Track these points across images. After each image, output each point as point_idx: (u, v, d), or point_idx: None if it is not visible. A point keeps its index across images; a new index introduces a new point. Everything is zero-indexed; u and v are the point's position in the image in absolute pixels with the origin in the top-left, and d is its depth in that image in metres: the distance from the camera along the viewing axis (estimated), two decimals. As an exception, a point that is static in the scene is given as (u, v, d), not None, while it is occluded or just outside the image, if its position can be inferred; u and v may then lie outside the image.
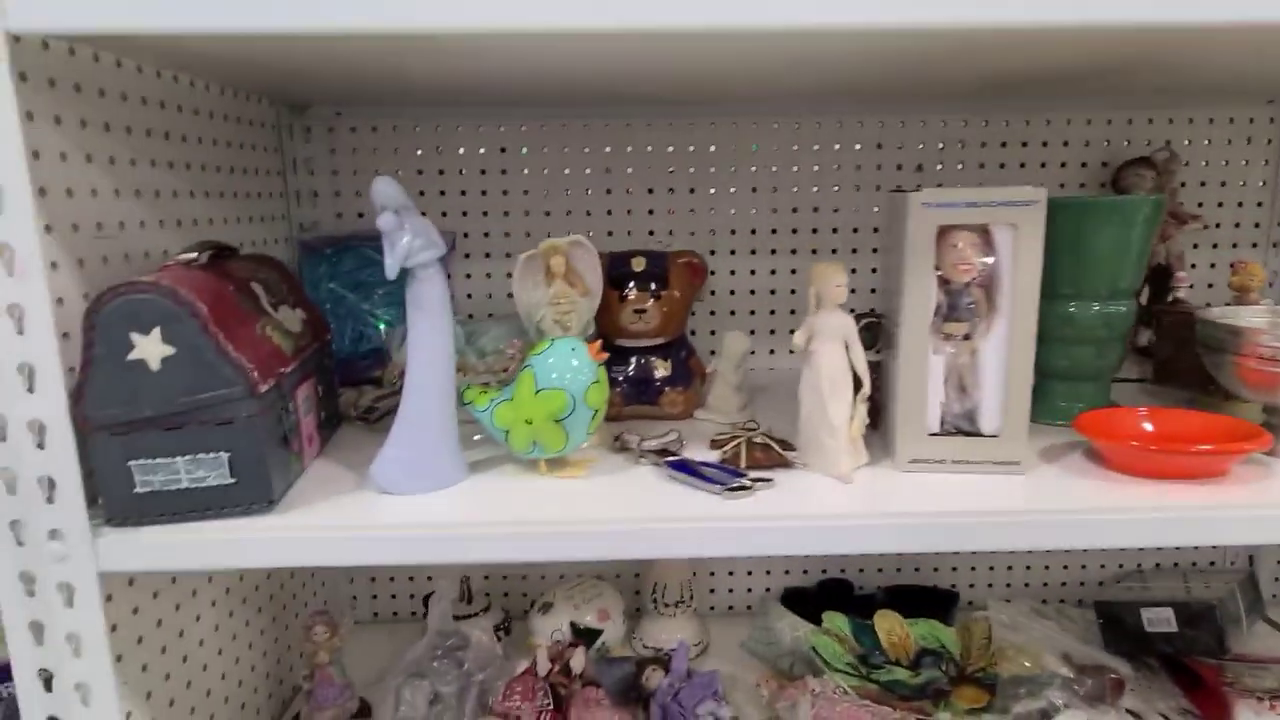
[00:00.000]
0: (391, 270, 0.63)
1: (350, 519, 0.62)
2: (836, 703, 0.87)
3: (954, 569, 1.16)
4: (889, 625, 1.03)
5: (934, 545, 0.61)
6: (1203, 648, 0.91)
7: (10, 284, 0.55)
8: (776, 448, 0.72)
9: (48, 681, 0.62)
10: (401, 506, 0.64)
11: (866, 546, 0.61)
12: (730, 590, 1.17)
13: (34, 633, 0.61)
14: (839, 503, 0.64)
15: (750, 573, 1.16)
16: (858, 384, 0.69)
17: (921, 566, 1.16)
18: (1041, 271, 0.64)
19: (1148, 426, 0.71)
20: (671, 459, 0.71)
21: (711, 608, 1.17)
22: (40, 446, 0.57)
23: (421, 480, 0.66)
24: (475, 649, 0.89)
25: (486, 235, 1.06)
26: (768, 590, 1.17)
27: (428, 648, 0.90)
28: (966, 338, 0.68)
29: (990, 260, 0.66)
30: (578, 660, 0.92)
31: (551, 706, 0.86)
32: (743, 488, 0.64)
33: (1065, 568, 1.16)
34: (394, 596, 1.15)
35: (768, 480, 0.67)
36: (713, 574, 1.16)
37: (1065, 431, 0.77)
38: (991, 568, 1.16)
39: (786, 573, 1.16)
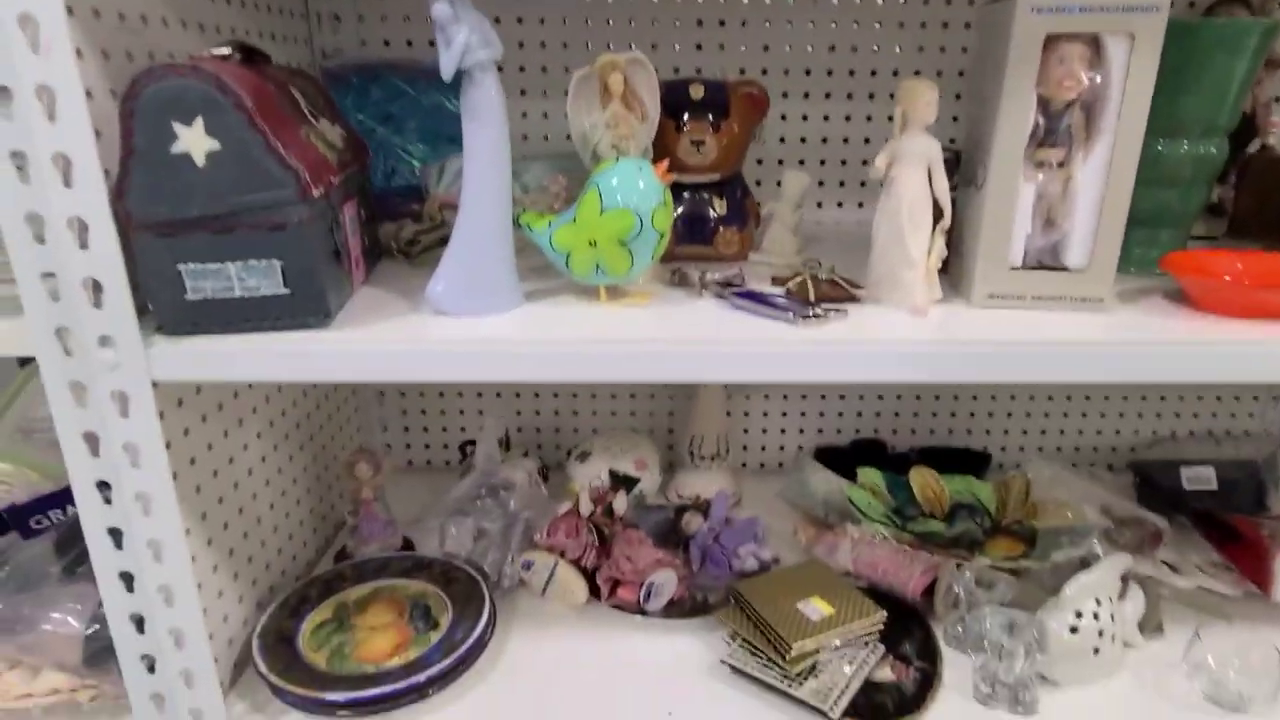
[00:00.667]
0: (447, 70, 0.58)
1: (409, 335, 0.60)
2: (876, 547, 0.88)
3: (987, 432, 1.16)
4: (923, 480, 1.03)
5: (1015, 375, 0.59)
6: (1242, 505, 0.91)
7: (37, 63, 0.50)
8: (844, 283, 0.69)
9: (106, 494, 0.61)
10: (459, 326, 0.62)
11: (945, 375, 0.59)
12: (763, 447, 1.17)
13: (89, 443, 0.59)
14: (915, 333, 0.61)
15: (784, 430, 1.16)
16: (937, 214, 0.65)
17: (955, 429, 1.16)
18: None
19: (1238, 266, 0.68)
20: (738, 289, 0.68)
21: (744, 464, 1.17)
22: (83, 246, 0.54)
23: (479, 300, 0.63)
24: (519, 490, 0.89)
25: (522, 70, 0.99)
26: (800, 448, 1.17)
27: (472, 486, 0.90)
28: (1061, 165, 0.63)
29: (1096, 77, 0.61)
30: (620, 502, 0.93)
31: (596, 543, 0.87)
32: (816, 315, 0.62)
33: (1099, 433, 1.15)
34: (428, 446, 1.16)
35: (840, 309, 0.64)
36: (746, 431, 1.16)
37: (1141, 279, 0.74)
38: (1024, 431, 1.16)
39: (820, 431, 1.16)
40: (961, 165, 0.72)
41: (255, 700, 0.72)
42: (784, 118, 1.01)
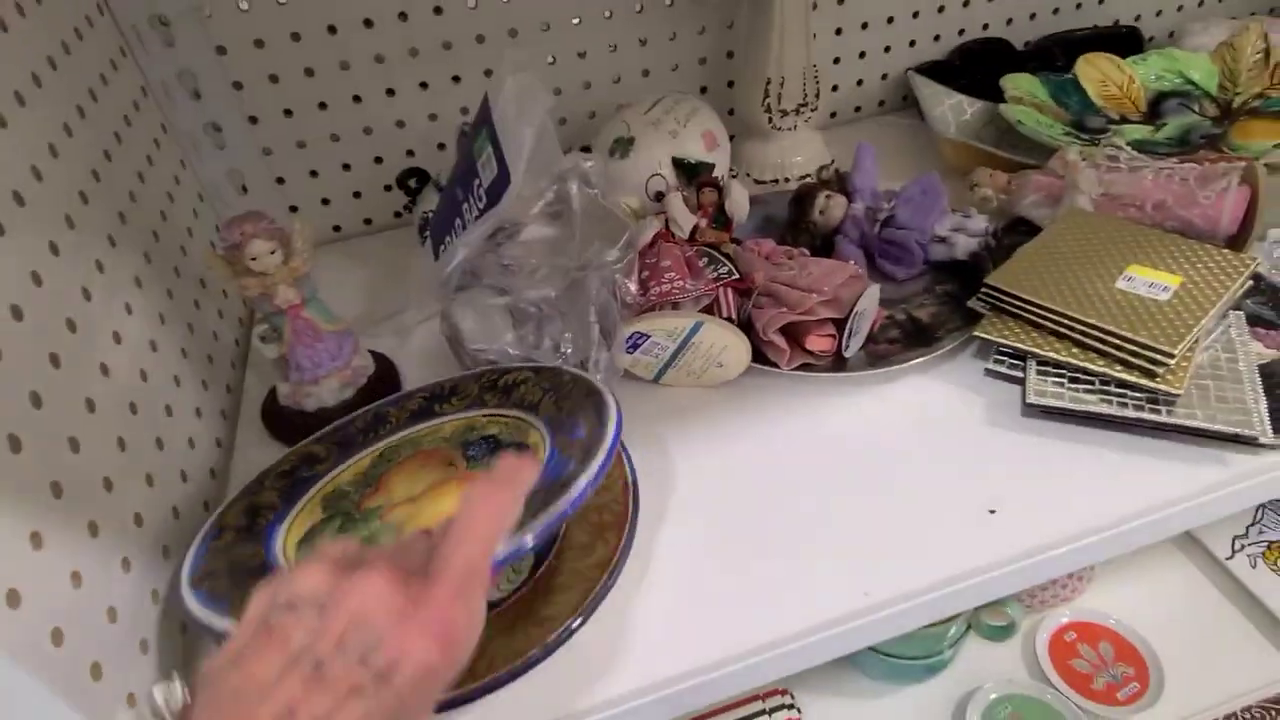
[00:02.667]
0: None
1: None
2: (1129, 173, 0.57)
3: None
4: (1100, 72, 0.71)
5: None
6: None
7: None
8: None
9: None
10: None
11: None
12: (834, 88, 0.79)
13: None
14: None
15: (863, 54, 0.78)
16: None
17: (1083, 2, 0.81)
18: None
19: None
20: None
21: (832, 114, 0.80)
22: None
23: None
24: (579, 212, 0.48)
25: None
26: (884, 77, 0.80)
27: (480, 237, 0.48)
28: None
29: None
30: (737, 200, 0.55)
31: (732, 273, 0.50)
32: None
33: (1254, -31, 0.85)
34: (327, 202, 0.69)
35: None
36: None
37: None
38: (1170, -14, 0.83)
39: (912, 44, 0.79)
40: None
41: None
42: None
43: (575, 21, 0.67)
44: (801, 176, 0.69)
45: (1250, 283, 0.48)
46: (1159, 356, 0.42)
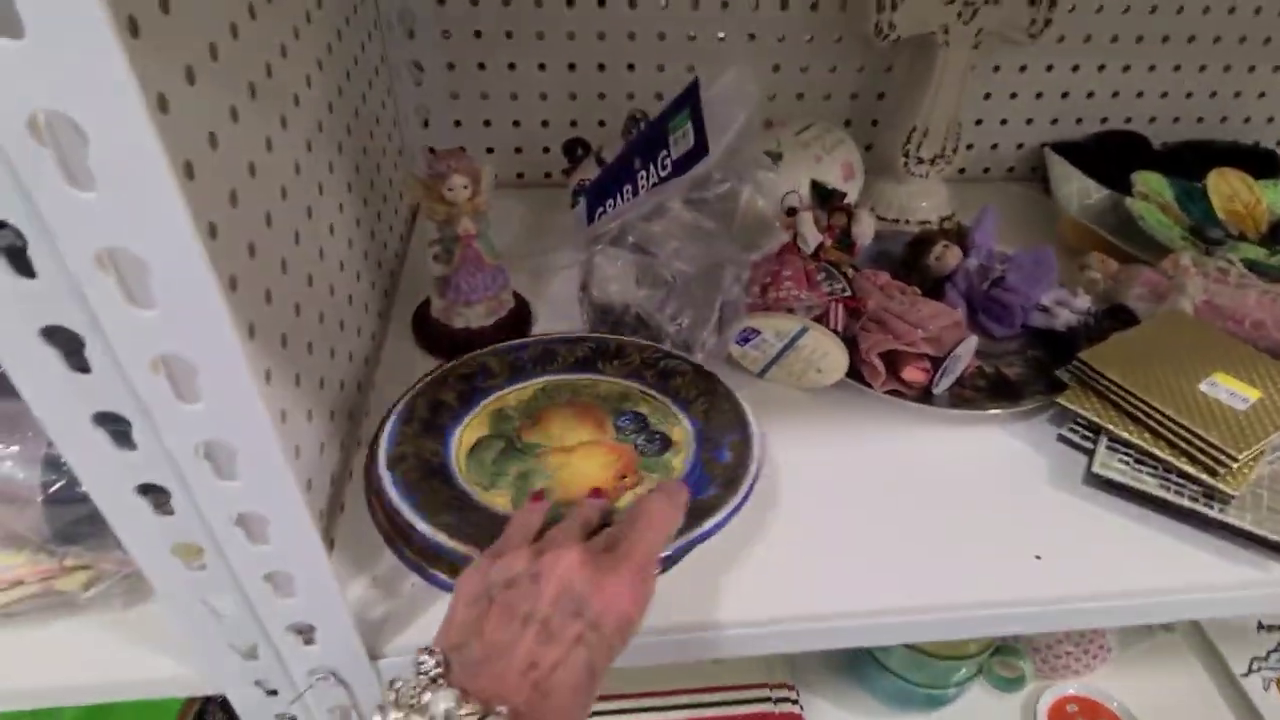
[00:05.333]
0: None
1: None
2: (1237, 288, 0.60)
3: (1270, 120, 0.84)
4: (1230, 187, 0.74)
5: None
6: None
7: None
8: None
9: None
10: None
11: None
12: (969, 146, 0.83)
13: None
14: None
15: (1005, 120, 0.82)
16: None
17: (1230, 117, 0.84)
18: None
19: None
20: None
21: (961, 170, 0.84)
22: None
23: None
24: (731, 206, 0.54)
25: None
26: (1019, 146, 0.84)
27: (656, 200, 0.55)
28: None
29: None
30: (864, 227, 0.60)
31: (846, 291, 0.56)
32: None
33: None
34: (491, 150, 0.77)
35: None
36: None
37: None
38: (1319, 119, 0.85)
39: (1054, 122, 0.82)
40: None
41: (383, 573, 0.43)
42: None
43: (749, 38, 0.73)
44: (922, 221, 0.73)
45: (1327, 414, 0.51)
46: (1223, 457, 0.46)
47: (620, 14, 0.70)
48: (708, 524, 0.39)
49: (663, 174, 0.54)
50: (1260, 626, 0.85)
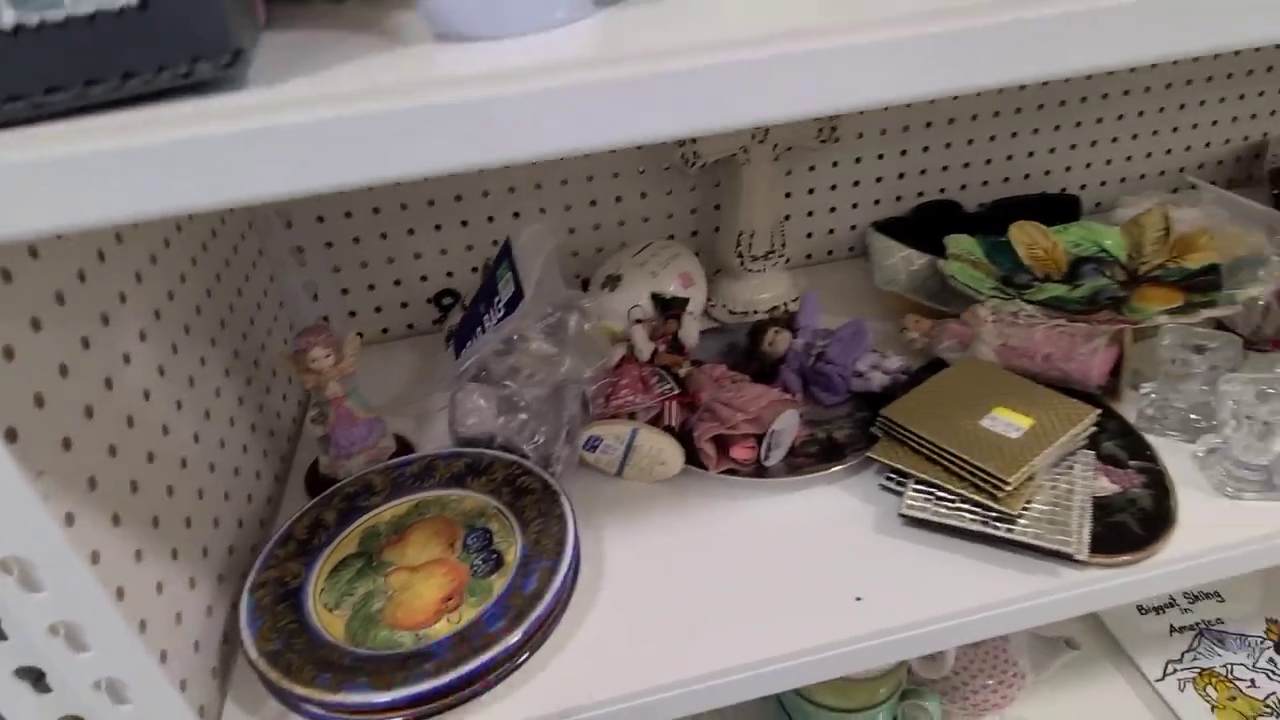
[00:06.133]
0: None
1: (407, 75, 0.30)
2: (1025, 328, 0.68)
3: (1067, 169, 0.96)
4: (1029, 237, 0.83)
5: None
6: None
7: None
8: None
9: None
10: (499, 52, 0.32)
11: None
12: (808, 235, 0.93)
13: None
14: None
15: (833, 209, 0.92)
16: None
17: (1031, 173, 0.95)
18: None
19: None
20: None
21: (787, 260, 0.94)
22: None
23: (516, 9, 0.33)
24: (571, 338, 0.62)
25: None
26: (853, 228, 0.94)
27: (499, 339, 0.63)
28: None
29: None
30: (688, 331, 0.68)
31: (675, 390, 0.63)
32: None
33: (1188, 149, 0.97)
34: (379, 310, 0.86)
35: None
36: (788, 217, 0.91)
37: None
38: (1109, 161, 0.96)
39: (876, 202, 0.93)
40: None
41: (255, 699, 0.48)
42: None
43: (589, 179, 0.83)
44: (768, 310, 0.82)
45: (1094, 428, 0.58)
46: (998, 482, 0.52)
47: (470, 176, 0.80)
48: (476, 661, 0.45)
49: (499, 316, 0.63)
50: (1172, 630, 0.89)
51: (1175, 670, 0.84)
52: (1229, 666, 0.84)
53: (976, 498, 0.54)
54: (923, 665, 0.74)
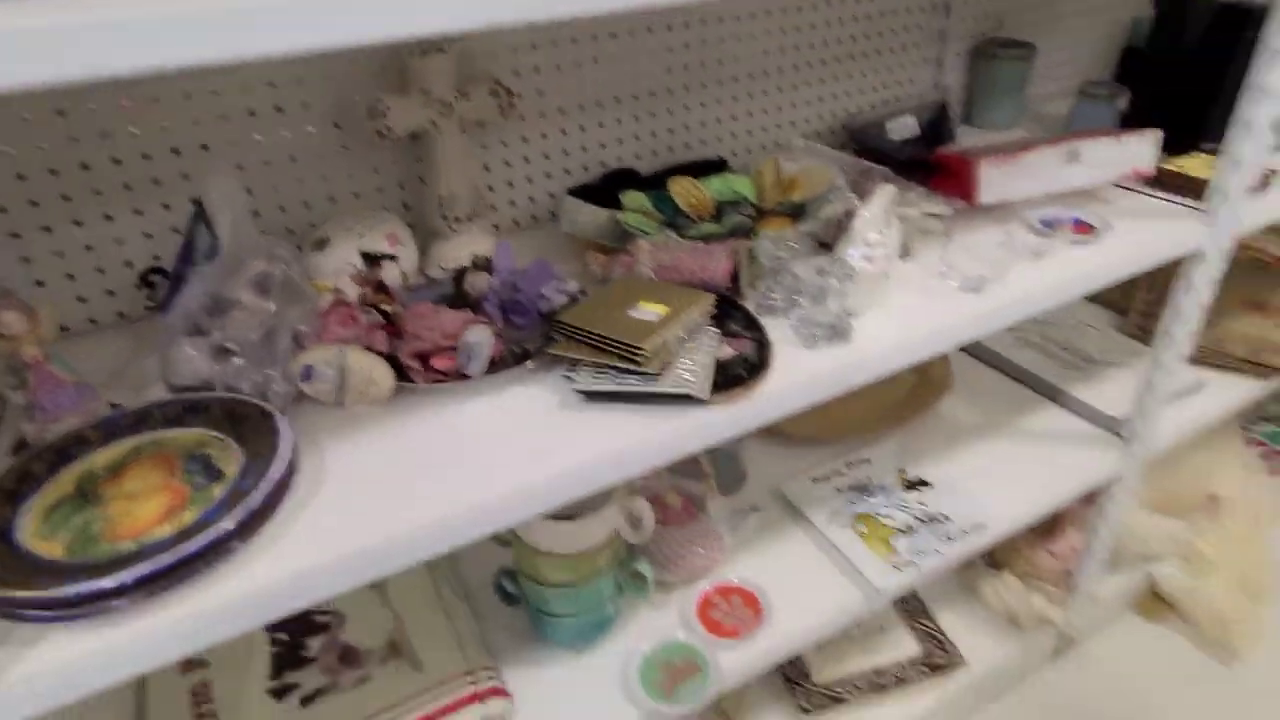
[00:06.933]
0: None
1: None
2: (672, 250, 0.86)
3: (719, 139, 1.18)
4: (684, 189, 1.02)
5: None
6: (939, 140, 1.05)
7: None
8: None
9: None
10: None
11: None
12: (512, 202, 1.06)
13: None
14: None
15: (530, 179, 1.06)
16: None
17: (690, 143, 1.16)
18: None
19: None
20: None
21: (496, 226, 1.06)
22: None
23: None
24: (276, 284, 0.69)
25: None
26: (552, 195, 1.08)
27: (203, 293, 0.67)
28: None
29: None
30: (390, 273, 0.78)
31: (382, 322, 0.72)
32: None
33: (807, 120, 1.24)
34: (83, 300, 0.85)
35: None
36: (491, 188, 1.03)
37: None
38: (749, 132, 1.20)
39: (567, 172, 1.08)
40: None
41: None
42: None
43: (292, 159, 0.89)
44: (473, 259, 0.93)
45: (720, 314, 0.77)
46: (636, 349, 0.68)
47: (172, 158, 0.83)
48: (196, 545, 0.52)
49: (202, 271, 0.68)
50: (836, 492, 1.13)
51: (837, 519, 1.07)
52: (874, 509, 1.09)
53: (627, 366, 0.69)
54: (629, 533, 0.89)
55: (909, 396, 1.29)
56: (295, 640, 0.92)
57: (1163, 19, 1.19)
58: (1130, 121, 1.24)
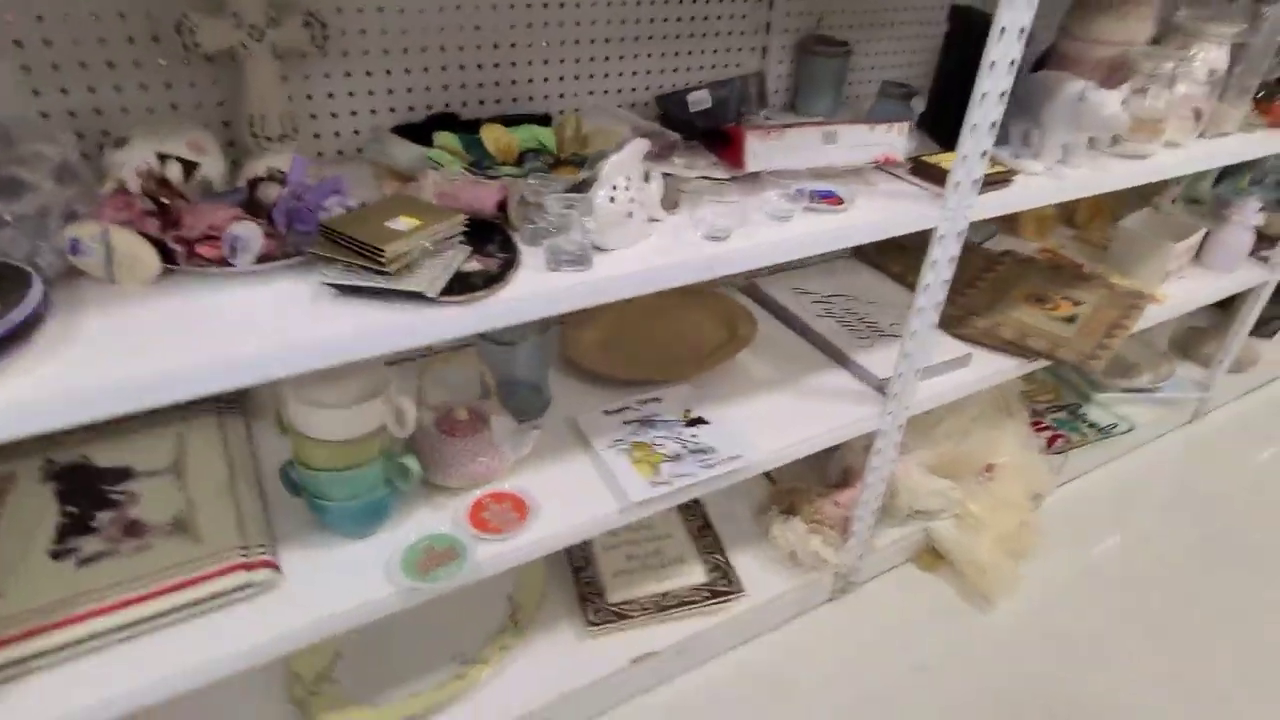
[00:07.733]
0: None
1: None
2: (455, 181, 0.96)
3: (546, 97, 1.28)
4: (494, 135, 1.12)
5: None
6: (729, 116, 1.18)
7: None
8: None
9: None
10: None
11: None
12: (336, 133, 1.14)
13: None
14: None
15: (355, 112, 1.14)
16: None
17: (519, 97, 1.26)
18: None
19: None
20: None
21: (320, 153, 1.14)
22: None
23: None
24: (52, 165, 0.76)
25: None
26: (375, 129, 1.17)
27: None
28: None
29: None
30: (173, 171, 0.86)
31: (156, 209, 0.81)
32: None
33: (633, 90, 1.35)
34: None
35: None
36: (314, 116, 1.12)
37: None
38: (576, 94, 1.31)
39: (392, 110, 1.17)
40: None
41: None
42: None
43: (110, 65, 0.96)
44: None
45: (474, 235, 0.87)
46: (377, 250, 0.78)
47: None
48: None
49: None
50: (624, 424, 1.25)
51: (616, 445, 1.20)
52: (653, 439, 1.22)
53: (371, 265, 0.79)
54: (395, 427, 0.98)
55: (715, 349, 1.43)
56: (85, 513, 0.99)
57: (951, 33, 1.34)
58: (924, 120, 1.40)
